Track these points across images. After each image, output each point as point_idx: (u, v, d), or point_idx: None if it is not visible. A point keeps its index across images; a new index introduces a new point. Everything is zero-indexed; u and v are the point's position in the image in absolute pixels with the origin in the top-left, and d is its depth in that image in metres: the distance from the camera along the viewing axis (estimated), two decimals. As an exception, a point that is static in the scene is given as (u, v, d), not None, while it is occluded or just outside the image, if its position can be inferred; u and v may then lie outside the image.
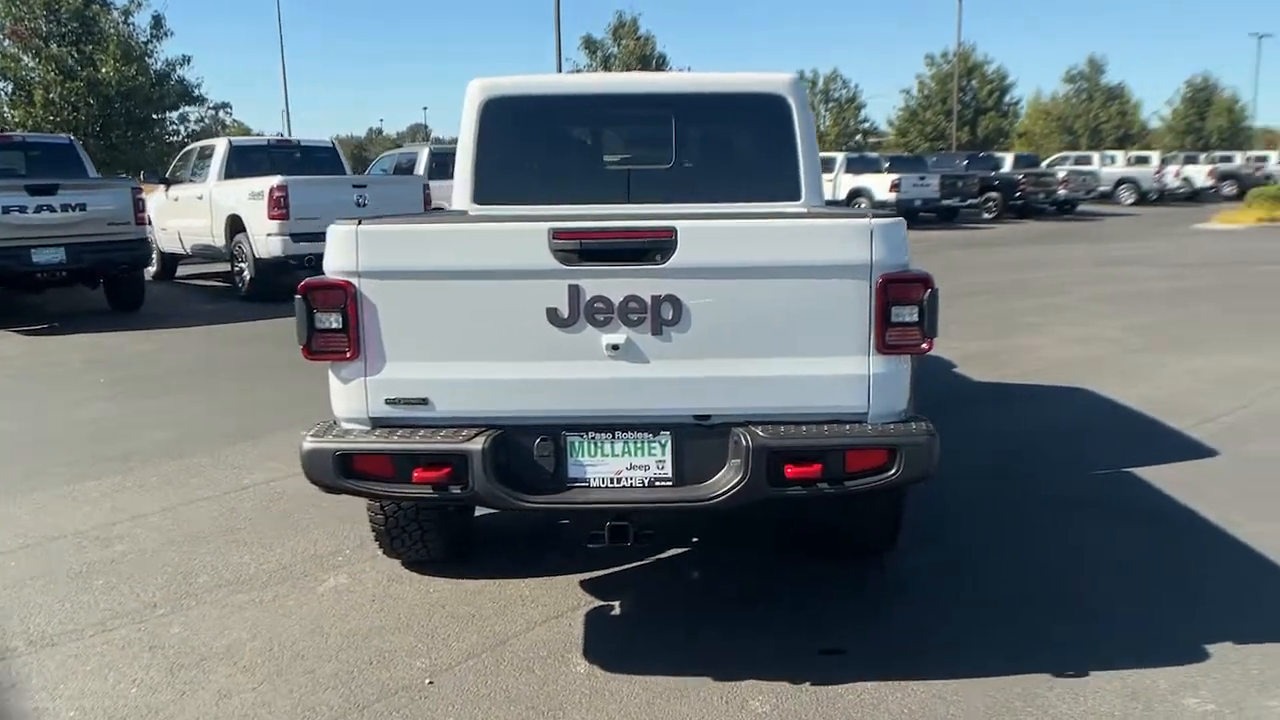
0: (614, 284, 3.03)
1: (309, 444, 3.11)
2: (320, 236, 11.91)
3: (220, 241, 13.78)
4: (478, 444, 3.02)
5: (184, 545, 4.63)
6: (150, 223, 13.63)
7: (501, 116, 4.76)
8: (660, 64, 35.12)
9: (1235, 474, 5.32)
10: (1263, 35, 62.84)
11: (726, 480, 3.06)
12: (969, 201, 28.86)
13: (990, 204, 30.27)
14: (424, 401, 3.11)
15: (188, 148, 16.58)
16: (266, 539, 4.68)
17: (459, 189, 4.84)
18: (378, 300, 3.06)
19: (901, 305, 3.03)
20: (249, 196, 13.02)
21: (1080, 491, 5.08)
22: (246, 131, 52.68)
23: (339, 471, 3.08)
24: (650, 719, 3.11)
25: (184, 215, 14.75)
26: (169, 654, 3.60)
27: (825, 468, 3.02)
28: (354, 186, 13.35)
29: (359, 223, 3.06)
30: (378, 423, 3.15)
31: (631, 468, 3.15)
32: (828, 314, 3.06)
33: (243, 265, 13.32)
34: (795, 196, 4.80)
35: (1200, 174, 39.46)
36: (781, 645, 3.56)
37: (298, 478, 5.50)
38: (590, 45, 34.86)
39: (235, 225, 13.33)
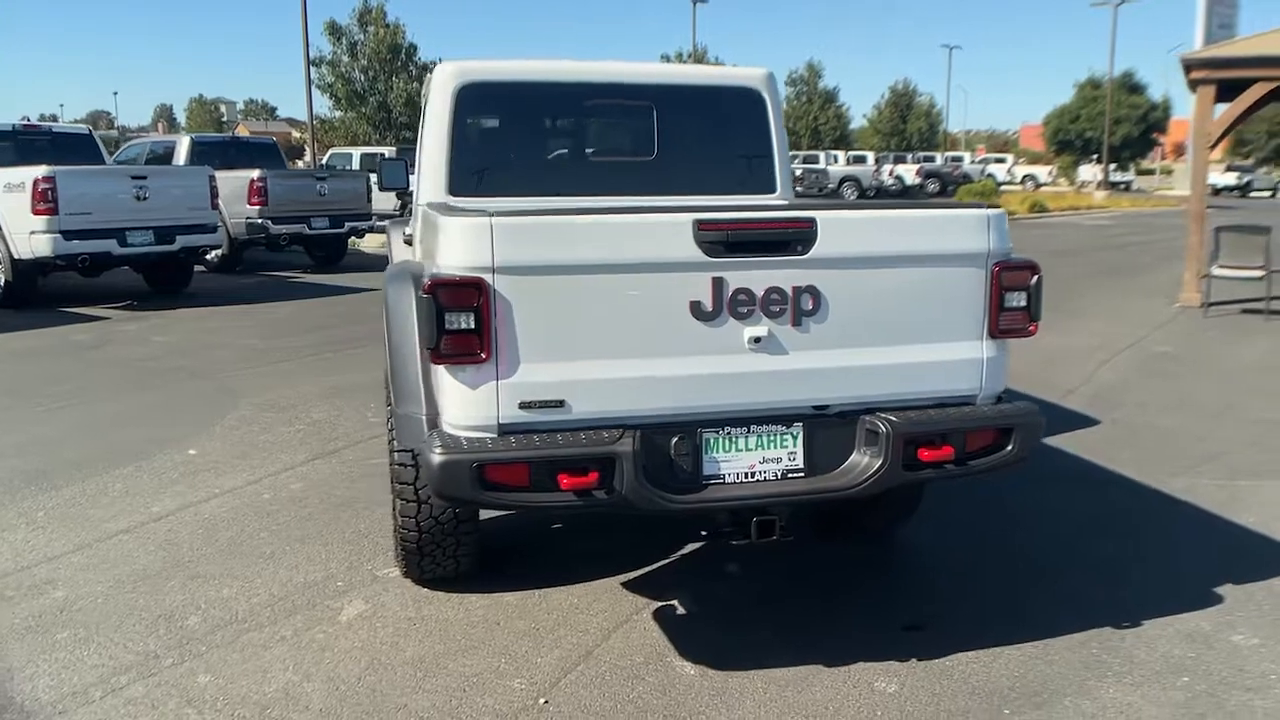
0: (757, 275, 2.98)
1: (441, 456, 2.83)
2: (96, 234, 10.79)
3: (-38, 241, 11.98)
4: (626, 445, 2.88)
5: (138, 586, 4.05)
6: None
7: (478, 103, 4.51)
8: (410, 54, 34.13)
9: (1126, 439, 5.99)
10: (953, 47, 69.91)
11: (865, 467, 3.10)
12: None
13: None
14: (560, 404, 2.92)
15: (-95, 133, 14.24)
16: (236, 572, 4.18)
17: (429, 180, 4.53)
18: (513, 297, 2.84)
19: (1013, 291, 3.19)
20: (3, 189, 11.41)
21: (1016, 462, 5.51)
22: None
23: (478, 484, 2.83)
24: (790, 709, 3.10)
25: (-91, 211, 12.67)
26: (218, 706, 3.15)
27: (955, 450, 3.12)
28: (133, 178, 12.02)
29: (492, 215, 2.81)
30: (507, 429, 2.91)
31: (764, 461, 3.11)
32: (948, 300, 3.17)
33: (-4, 268, 11.67)
34: (771, 189, 4.89)
35: (910, 173, 43.56)
36: (862, 626, 3.65)
37: (217, 501, 5.03)
38: (335, 31, 33.25)
39: (-15, 222, 11.64)
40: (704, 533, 3.22)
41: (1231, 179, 49.43)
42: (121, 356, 8.91)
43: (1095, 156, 45.02)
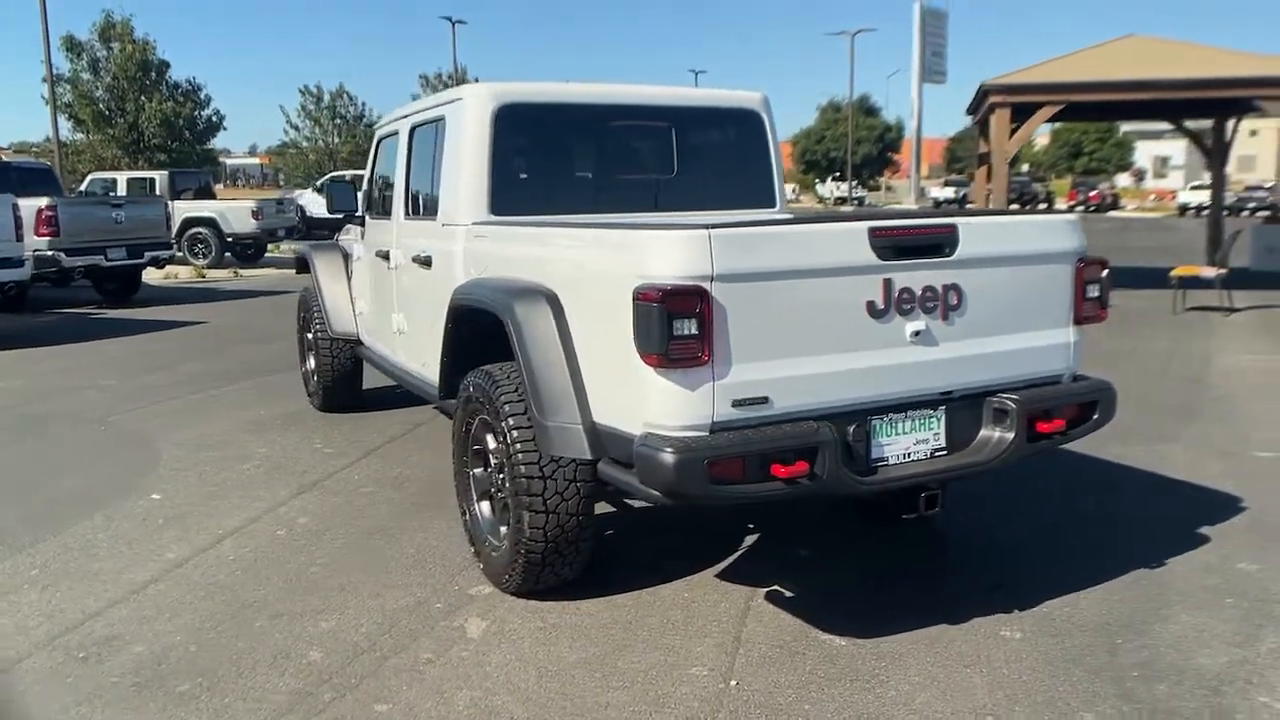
0: (916, 276, 3.35)
1: (675, 456, 2.99)
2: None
3: None
4: (828, 434, 3.16)
5: (220, 630, 3.85)
6: None
7: (514, 124, 4.62)
8: (161, 71, 31.92)
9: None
10: (699, 71, 73.42)
11: (998, 442, 3.54)
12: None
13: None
14: (765, 400, 3.15)
15: None
16: (317, 606, 4.06)
17: (467, 199, 4.58)
18: (727, 303, 3.05)
19: (1092, 284, 3.75)
20: None
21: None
22: None
23: (706, 480, 3.02)
24: (949, 661, 3.47)
25: None
26: (422, 730, 3.14)
27: (1064, 422, 3.63)
28: (-73, 208, 10.76)
29: (710, 228, 3.02)
30: (718, 427, 3.11)
31: (917, 443, 3.49)
32: (1048, 293, 3.69)
33: None
34: (771, 204, 5.29)
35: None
36: (954, 591, 4.08)
37: (231, 542, 4.83)
38: (73, 47, 30.50)
39: None
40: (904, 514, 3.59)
41: (950, 192, 55.20)
42: (-30, 405, 8.02)
43: (838, 174, 48.95)
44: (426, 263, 5.00)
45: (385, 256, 5.74)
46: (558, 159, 4.87)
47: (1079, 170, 60.39)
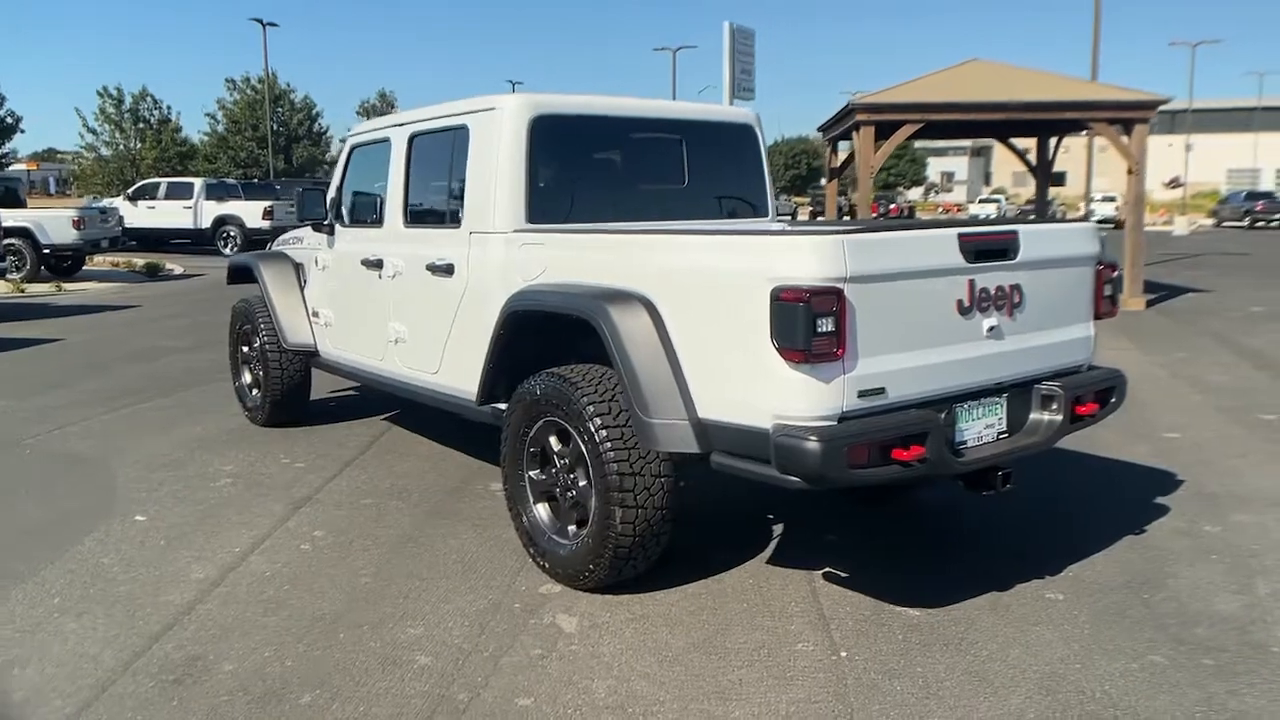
0: (991, 277, 3.75)
1: (819, 444, 3.24)
2: None
3: None
4: (936, 420, 3.50)
5: (308, 643, 3.80)
6: None
7: (550, 135, 4.74)
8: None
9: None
10: (516, 82, 73.20)
11: (1049, 425, 3.99)
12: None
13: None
14: (882, 391, 3.46)
15: None
16: (394, 615, 4.05)
17: (504, 207, 4.66)
18: (856, 302, 3.34)
19: (1108, 284, 4.27)
20: None
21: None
22: None
23: (845, 465, 3.28)
24: (1015, 622, 3.87)
25: None
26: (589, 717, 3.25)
27: (1097, 405, 4.12)
28: None
29: (845, 233, 3.29)
30: (845, 416, 3.39)
31: (986, 427, 3.88)
32: (1077, 292, 4.17)
33: None
34: (765, 213, 5.62)
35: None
36: (984, 563, 4.51)
37: (258, 559, 4.76)
38: None
39: None
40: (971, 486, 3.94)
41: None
42: None
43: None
44: (446, 270, 5.01)
45: (374, 265, 5.68)
46: (585, 168, 5.01)
47: (879, 185, 64.31)
